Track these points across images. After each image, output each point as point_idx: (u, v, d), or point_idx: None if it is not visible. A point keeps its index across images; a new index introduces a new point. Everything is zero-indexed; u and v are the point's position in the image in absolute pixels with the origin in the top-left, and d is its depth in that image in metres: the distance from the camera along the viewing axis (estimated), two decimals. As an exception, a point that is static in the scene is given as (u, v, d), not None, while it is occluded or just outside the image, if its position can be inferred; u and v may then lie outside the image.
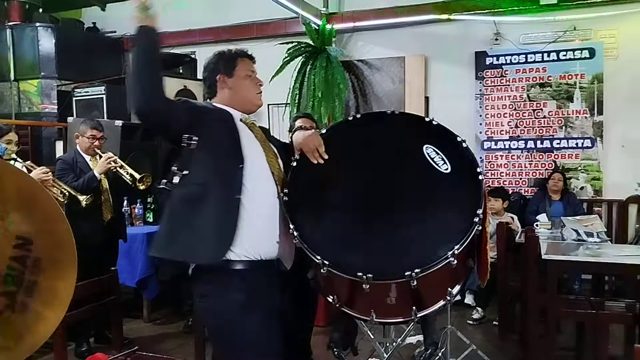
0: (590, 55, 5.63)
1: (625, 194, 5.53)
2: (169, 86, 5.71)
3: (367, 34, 6.48)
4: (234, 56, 2.13)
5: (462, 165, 2.02)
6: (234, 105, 2.11)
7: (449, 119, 6.18)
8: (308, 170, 2.09)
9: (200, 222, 1.91)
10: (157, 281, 4.50)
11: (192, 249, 1.91)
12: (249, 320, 1.94)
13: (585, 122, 5.68)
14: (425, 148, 2.05)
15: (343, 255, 1.91)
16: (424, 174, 2.02)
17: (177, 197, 1.95)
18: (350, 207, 2.01)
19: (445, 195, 2.00)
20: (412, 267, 1.80)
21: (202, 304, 2.00)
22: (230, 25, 6.89)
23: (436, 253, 1.83)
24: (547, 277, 3.28)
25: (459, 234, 1.87)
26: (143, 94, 1.89)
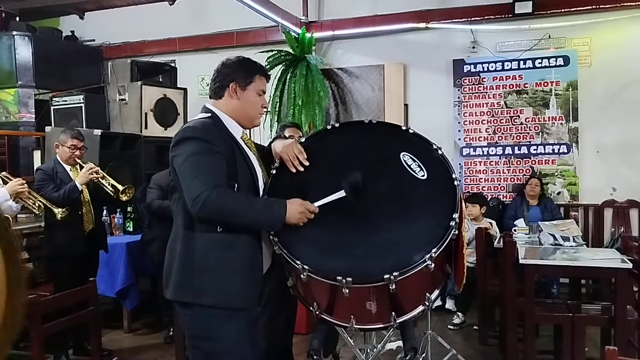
0: (565, 62, 5.75)
1: (600, 198, 5.64)
2: (148, 95, 5.76)
3: (346, 42, 6.54)
4: (254, 71, 2.09)
5: (437, 172, 2.06)
6: (235, 117, 2.08)
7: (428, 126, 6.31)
8: (287, 178, 2.11)
9: (233, 268, 1.94)
10: (137, 291, 4.46)
11: (229, 296, 1.94)
12: (233, 328, 1.96)
13: (561, 128, 5.79)
14: (402, 155, 2.09)
15: (322, 260, 1.93)
16: (401, 180, 2.06)
17: (208, 242, 1.94)
18: (329, 214, 2.02)
19: (422, 200, 2.04)
20: (390, 271, 1.83)
21: (185, 312, 2.00)
22: (210, 34, 6.90)
23: (414, 257, 1.87)
24: (525, 281, 3.33)
25: (436, 238, 1.91)
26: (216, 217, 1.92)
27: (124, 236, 4.74)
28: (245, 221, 1.92)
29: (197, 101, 5.95)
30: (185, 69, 6.77)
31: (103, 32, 7.31)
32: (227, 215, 1.89)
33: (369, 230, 1.99)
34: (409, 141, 2.15)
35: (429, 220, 1.98)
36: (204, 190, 1.83)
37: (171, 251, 2.00)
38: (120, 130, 5.64)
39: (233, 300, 1.94)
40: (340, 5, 6.50)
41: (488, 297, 4.12)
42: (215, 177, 1.88)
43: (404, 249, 1.93)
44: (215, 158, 1.91)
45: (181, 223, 1.97)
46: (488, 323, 4.20)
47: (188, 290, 1.94)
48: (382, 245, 1.95)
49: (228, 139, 2.02)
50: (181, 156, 1.92)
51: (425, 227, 1.97)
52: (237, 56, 2.12)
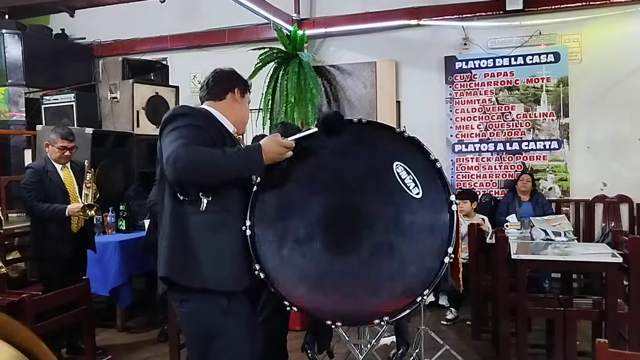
0: (556, 59, 5.78)
1: (591, 193, 5.68)
2: (140, 93, 5.74)
3: (338, 39, 6.54)
4: (247, 86, 2.26)
5: (434, 190, 1.91)
6: (233, 119, 2.16)
7: (420, 122, 6.33)
8: (270, 196, 2.00)
9: (225, 250, 1.95)
10: (131, 289, 4.45)
11: (222, 278, 1.94)
12: (232, 324, 1.97)
13: (552, 124, 5.82)
14: (395, 166, 1.93)
15: (311, 297, 1.91)
16: (394, 199, 1.91)
17: (199, 223, 1.94)
18: (316, 240, 1.94)
19: (415, 225, 1.90)
20: (381, 315, 1.85)
21: (182, 309, 2.01)
22: (202, 31, 6.87)
23: (405, 299, 1.84)
24: (517, 276, 3.36)
25: (429, 275, 1.84)
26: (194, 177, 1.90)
27: (116, 235, 4.72)
28: (223, 172, 1.88)
29: (189, 99, 5.93)
30: (177, 67, 6.75)
31: (94, 30, 7.26)
32: (202, 169, 1.85)
33: (359, 260, 1.90)
34: (403, 148, 1.97)
35: (422, 250, 1.88)
36: (176, 149, 1.84)
37: (162, 236, 2.01)
38: (112, 128, 5.61)
39: (224, 283, 1.94)
40: (332, 3, 6.49)
41: (481, 292, 4.15)
42: (192, 141, 1.87)
43: (394, 287, 1.86)
44: (196, 131, 1.93)
45: (169, 207, 1.98)
46: (481, 318, 4.23)
47: (178, 272, 1.95)
48: (372, 280, 1.88)
49: (220, 127, 2.07)
50: (166, 135, 1.94)
51: (418, 260, 1.87)
52: (230, 68, 2.24)
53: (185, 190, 1.94)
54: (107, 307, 4.78)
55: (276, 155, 1.94)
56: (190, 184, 1.92)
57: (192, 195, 1.93)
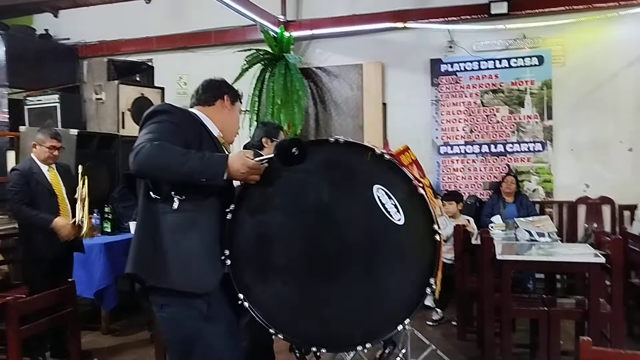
0: (540, 62, 5.85)
1: (574, 195, 5.76)
2: (125, 94, 5.70)
3: (325, 41, 6.56)
4: (238, 95, 2.28)
5: (416, 216, 1.86)
6: (221, 125, 2.15)
7: (406, 125, 6.37)
8: (247, 223, 1.97)
9: (194, 251, 1.93)
10: (116, 292, 4.42)
11: (189, 280, 1.92)
12: (212, 330, 1.97)
13: (536, 126, 5.89)
14: (376, 190, 1.87)
15: (295, 325, 1.94)
16: (375, 225, 1.87)
17: (170, 221, 1.93)
18: (297, 266, 1.93)
19: (398, 252, 1.87)
20: (363, 342, 1.89)
21: (162, 314, 1.99)
22: (188, 32, 6.85)
23: (386, 328, 1.89)
24: (501, 276, 3.39)
25: (410, 304, 1.86)
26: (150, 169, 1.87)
27: (101, 237, 4.68)
28: (180, 173, 1.83)
29: (174, 100, 5.89)
30: (162, 68, 6.71)
31: (78, 31, 7.21)
32: (161, 164, 1.82)
33: (340, 287, 1.89)
34: (383, 171, 1.89)
35: (404, 278, 1.87)
36: (142, 142, 1.84)
37: (134, 233, 2.01)
38: (97, 130, 5.57)
39: (190, 284, 1.92)
40: (318, 5, 6.51)
41: (466, 293, 4.19)
42: (160, 137, 1.86)
43: (376, 315, 1.88)
44: (171, 128, 1.93)
45: (142, 204, 1.98)
46: (466, 318, 4.27)
47: (146, 270, 1.94)
48: (353, 308, 1.89)
49: (202, 129, 2.06)
50: (143, 129, 1.94)
51: (399, 289, 1.87)
52: (222, 78, 2.26)
53: (157, 188, 1.93)
54: (91, 309, 4.73)
55: (239, 174, 1.88)
56: (154, 181, 1.92)
57: (164, 193, 1.92)
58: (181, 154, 1.84)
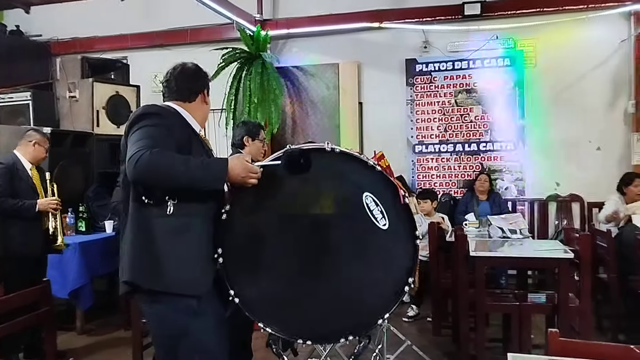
0: (512, 62, 5.98)
1: (545, 193, 5.91)
2: (100, 92, 5.63)
3: (301, 40, 6.58)
4: (209, 81, 2.25)
5: (400, 223, 2.02)
6: (199, 119, 2.16)
7: (382, 124, 6.42)
8: (239, 224, 2.05)
9: (189, 255, 1.95)
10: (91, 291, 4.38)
11: (185, 283, 1.94)
12: (201, 325, 1.99)
13: (509, 126, 6.01)
14: (365, 197, 2.01)
15: (283, 319, 2.05)
16: (362, 228, 2.01)
17: (164, 226, 1.93)
18: (287, 265, 2.04)
19: (381, 254, 2.04)
20: (346, 335, 2.04)
21: (151, 310, 2.01)
22: (164, 30, 6.80)
23: (368, 320, 2.05)
24: (475, 273, 3.47)
25: (390, 301, 2.03)
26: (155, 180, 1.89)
27: (76, 236, 4.63)
28: (183, 180, 1.86)
29: (150, 98, 5.84)
30: (138, 66, 6.65)
31: (51, 27, 7.10)
32: (162, 174, 1.84)
33: (327, 284, 2.03)
34: (373, 180, 2.04)
35: (385, 278, 2.04)
36: (140, 149, 1.83)
37: (124, 238, 1.99)
38: (71, 128, 5.49)
39: (186, 287, 1.95)
40: (295, 4, 6.53)
41: (441, 289, 4.26)
42: (157, 143, 1.86)
43: (359, 310, 2.04)
44: (164, 131, 1.93)
45: (134, 209, 1.96)
46: (441, 314, 4.34)
47: (142, 276, 1.94)
48: (338, 303, 2.03)
49: (187, 128, 2.07)
50: (133, 133, 1.93)
51: (381, 287, 2.04)
52: (194, 64, 2.20)
53: (150, 192, 1.93)
54: (66, 309, 4.68)
55: (239, 178, 1.94)
56: (148, 187, 1.91)
57: (157, 198, 1.92)
58: (181, 162, 1.86)
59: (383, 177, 2.05)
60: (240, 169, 1.93)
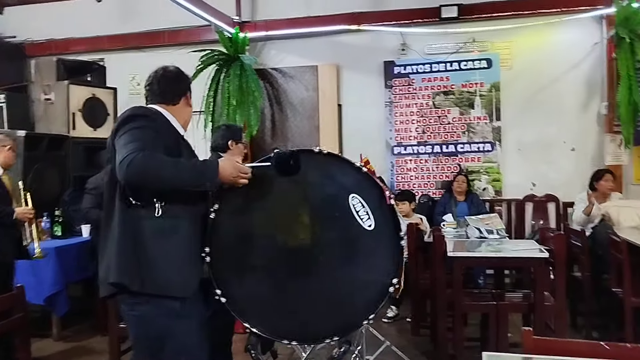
0: (488, 65, 6.06)
1: (522, 193, 5.99)
2: (76, 95, 5.55)
3: (280, 42, 6.58)
4: (190, 87, 2.27)
5: (385, 224, 2.06)
6: (183, 122, 2.18)
7: (361, 125, 6.45)
8: (227, 224, 2.07)
9: (177, 256, 1.96)
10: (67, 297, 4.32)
11: (174, 284, 1.95)
12: (184, 327, 1.99)
13: (486, 127, 6.10)
14: (351, 198, 2.04)
15: (268, 319, 2.06)
16: (348, 229, 2.04)
17: (152, 227, 1.94)
18: (273, 265, 2.06)
19: (367, 254, 2.06)
20: (331, 335, 2.05)
21: (134, 313, 1.99)
22: (141, 32, 6.74)
23: (353, 322, 2.07)
24: (453, 273, 3.50)
25: (375, 301, 2.05)
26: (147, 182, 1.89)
27: (52, 241, 4.56)
28: (175, 182, 1.90)
29: (127, 101, 5.80)
30: (114, 68, 6.57)
31: (25, 28, 6.97)
32: (155, 176, 1.86)
33: (313, 286, 2.05)
34: (360, 181, 2.08)
35: (371, 279, 2.05)
36: (131, 152, 1.83)
37: (109, 238, 1.97)
38: (46, 131, 5.41)
39: (176, 289, 1.96)
40: (273, 6, 6.53)
41: (420, 289, 4.29)
42: (147, 145, 1.87)
43: (345, 311, 2.05)
44: (153, 134, 1.94)
45: (120, 210, 1.96)
46: (420, 315, 4.37)
47: (130, 277, 1.93)
48: (324, 304, 2.05)
49: (174, 131, 2.09)
50: (122, 135, 1.93)
51: (366, 288, 2.05)
52: (176, 67, 2.22)
53: (138, 194, 1.93)
54: (41, 315, 4.61)
55: (230, 178, 1.97)
56: (139, 189, 1.92)
57: (145, 199, 1.93)
58: (173, 164, 1.89)
59: (369, 178, 2.09)
60: (232, 169, 1.97)
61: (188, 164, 1.95)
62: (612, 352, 1.51)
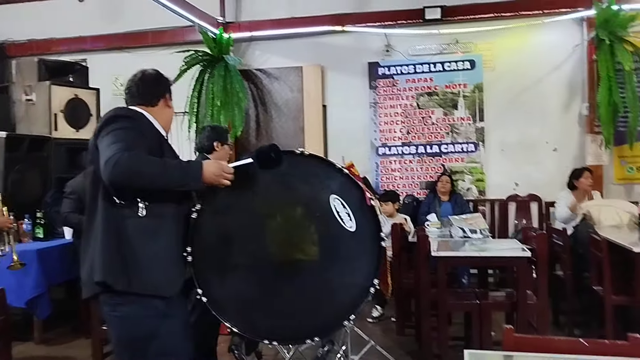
0: (471, 66, 6.11)
1: (505, 193, 6.05)
2: (58, 95, 5.50)
3: (265, 43, 6.58)
4: (170, 88, 2.27)
5: (366, 225, 2.07)
6: (163, 123, 2.18)
7: (346, 126, 6.47)
8: (209, 224, 2.07)
9: (162, 255, 1.96)
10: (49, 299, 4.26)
11: (159, 283, 1.95)
12: (169, 328, 1.99)
13: (469, 128, 6.15)
14: (332, 199, 2.06)
15: (249, 319, 2.06)
16: (330, 230, 2.05)
17: (136, 227, 1.94)
18: (255, 265, 2.06)
19: (348, 255, 2.07)
20: (311, 336, 2.06)
21: (116, 314, 1.98)
22: (124, 32, 6.69)
23: (335, 321, 2.07)
24: (437, 273, 3.53)
25: (355, 303, 2.06)
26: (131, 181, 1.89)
27: (33, 243, 4.50)
28: (160, 182, 1.91)
29: (110, 102, 5.74)
30: (97, 69, 6.51)
31: (6, 29, 6.89)
32: (140, 176, 1.87)
33: (295, 286, 2.05)
34: (341, 183, 2.10)
35: (352, 279, 2.07)
36: (116, 152, 1.84)
37: (92, 238, 1.97)
38: (28, 132, 5.35)
39: (161, 288, 1.96)
40: (258, 7, 6.53)
41: (404, 289, 4.31)
42: (131, 146, 1.88)
43: (325, 312, 2.06)
44: (137, 134, 1.95)
45: (103, 210, 1.95)
46: (405, 314, 4.39)
47: (115, 276, 1.91)
48: (305, 305, 2.06)
49: (156, 132, 2.10)
50: (105, 135, 1.93)
51: (347, 288, 2.07)
52: (154, 70, 2.24)
53: (122, 194, 1.93)
54: (22, 319, 4.55)
55: (214, 178, 1.98)
56: (124, 189, 1.92)
57: (129, 199, 1.94)
58: (159, 164, 1.91)
59: (350, 179, 2.10)
60: (215, 169, 1.98)
61: (172, 163, 1.96)
62: (591, 349, 1.54)
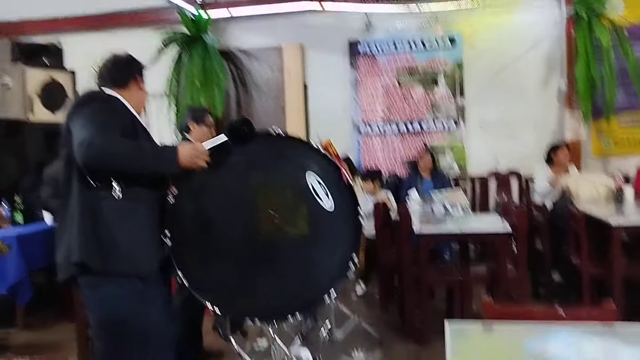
0: (452, 44, 6.11)
1: (486, 169, 6.11)
2: (33, 78, 5.38)
3: (244, 22, 6.49)
4: (142, 70, 2.26)
5: (344, 203, 2.11)
6: (135, 105, 2.16)
7: (327, 105, 6.41)
8: (187, 207, 2.07)
9: (137, 234, 1.96)
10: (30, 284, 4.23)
11: (135, 261, 1.95)
12: (150, 309, 1.99)
13: (450, 105, 6.17)
14: (308, 175, 2.08)
15: (231, 299, 2.07)
16: (308, 209, 2.08)
17: (111, 207, 1.93)
18: (235, 246, 2.08)
19: (326, 233, 2.11)
20: (293, 312, 2.09)
21: (96, 295, 1.97)
22: (100, 13, 6.55)
23: (315, 298, 2.10)
24: (419, 249, 3.57)
25: (335, 278, 2.10)
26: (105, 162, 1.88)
27: (13, 228, 4.44)
28: (136, 165, 1.91)
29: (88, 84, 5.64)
30: (73, 50, 6.34)
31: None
32: (115, 158, 1.87)
33: (275, 266, 2.07)
34: (318, 162, 2.13)
35: (331, 256, 2.11)
36: (91, 135, 1.83)
37: (68, 220, 1.95)
38: (3, 116, 5.24)
39: (137, 265, 1.96)
40: (236, -15, 6.42)
41: (387, 266, 4.36)
42: (105, 127, 1.88)
43: (306, 289, 2.09)
44: (108, 115, 1.94)
45: (78, 192, 1.94)
46: (388, 290, 4.44)
47: (92, 256, 1.91)
48: (286, 284, 2.08)
49: (129, 113, 2.08)
50: (78, 117, 1.92)
51: (326, 265, 2.10)
52: (126, 53, 2.24)
53: (96, 176, 1.92)
54: (4, 305, 4.51)
55: (190, 160, 1.96)
56: (98, 171, 1.91)
57: (103, 181, 1.93)
58: (133, 147, 1.90)
59: (325, 158, 2.13)
60: (190, 151, 1.97)
61: (147, 146, 1.97)
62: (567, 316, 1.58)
